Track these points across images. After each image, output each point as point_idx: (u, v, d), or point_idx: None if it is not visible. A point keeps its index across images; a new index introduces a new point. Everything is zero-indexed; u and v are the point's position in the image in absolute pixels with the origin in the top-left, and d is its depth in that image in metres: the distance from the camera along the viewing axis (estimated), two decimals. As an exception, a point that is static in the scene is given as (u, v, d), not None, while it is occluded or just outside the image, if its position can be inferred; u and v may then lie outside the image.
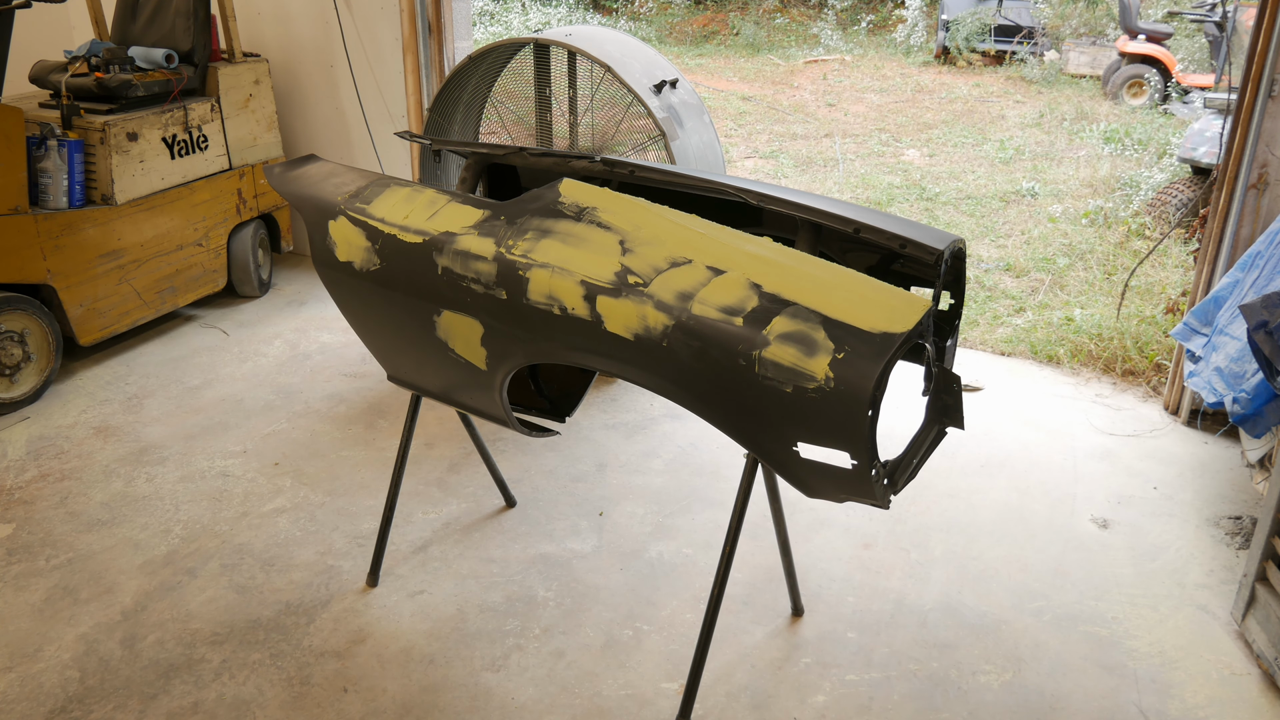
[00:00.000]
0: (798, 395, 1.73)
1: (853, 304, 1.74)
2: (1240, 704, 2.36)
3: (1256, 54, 3.20)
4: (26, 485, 3.14)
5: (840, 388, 1.69)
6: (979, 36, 11.85)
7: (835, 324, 1.72)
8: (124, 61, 3.88)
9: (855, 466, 1.76)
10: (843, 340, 1.70)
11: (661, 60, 3.61)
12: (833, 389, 1.69)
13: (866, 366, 1.67)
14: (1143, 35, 9.91)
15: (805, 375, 1.71)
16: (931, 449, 1.98)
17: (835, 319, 1.72)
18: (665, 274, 1.87)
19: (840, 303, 1.75)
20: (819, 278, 1.80)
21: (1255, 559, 2.48)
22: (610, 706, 2.31)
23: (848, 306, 1.74)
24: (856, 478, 1.78)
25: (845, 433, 1.72)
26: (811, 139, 8.72)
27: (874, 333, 1.69)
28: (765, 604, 2.66)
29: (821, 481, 1.86)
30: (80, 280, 3.73)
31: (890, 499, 1.86)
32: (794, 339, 1.73)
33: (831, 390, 1.69)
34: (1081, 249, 5.73)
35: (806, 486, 1.92)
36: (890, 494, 1.87)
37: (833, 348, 1.70)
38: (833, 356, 1.69)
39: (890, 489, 1.87)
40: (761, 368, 1.75)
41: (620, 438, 3.48)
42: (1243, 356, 2.86)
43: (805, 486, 1.93)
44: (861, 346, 1.69)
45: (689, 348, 1.82)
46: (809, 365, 1.71)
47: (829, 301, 1.75)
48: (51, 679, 2.36)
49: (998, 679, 2.42)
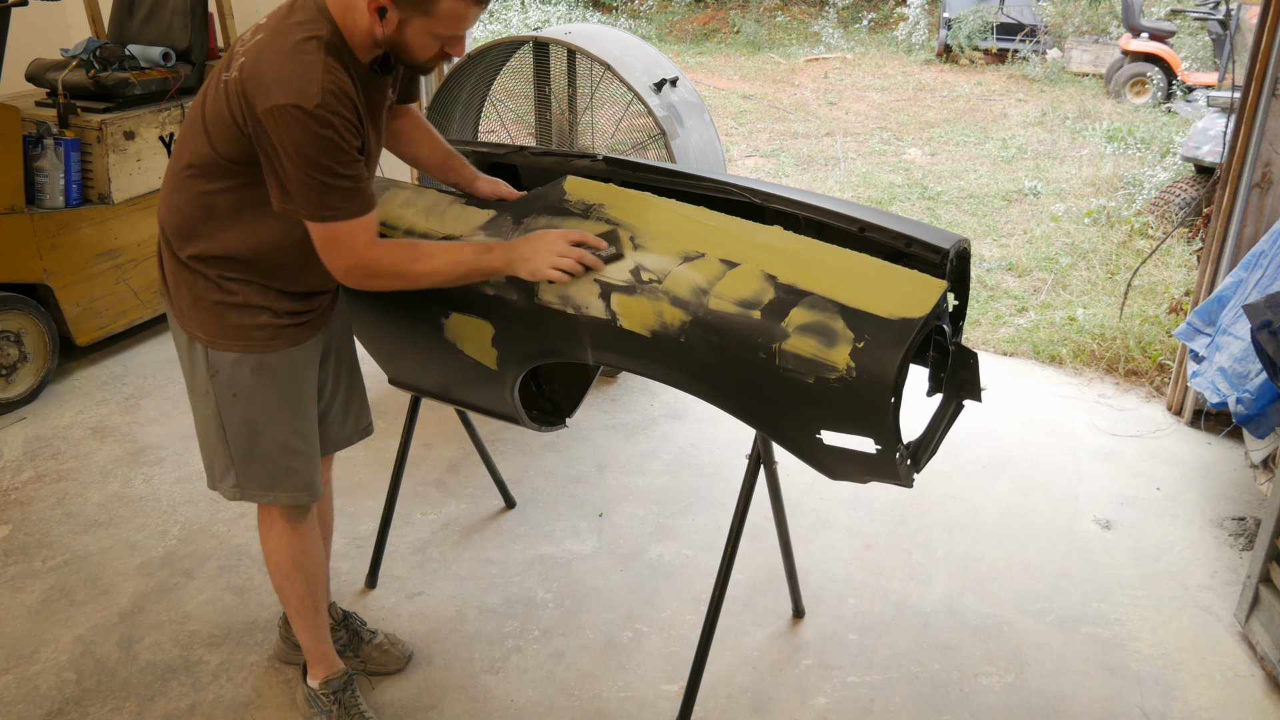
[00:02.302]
0: (820, 386, 1.72)
1: (869, 291, 1.74)
2: (1244, 706, 2.34)
3: (1260, 52, 3.18)
4: (23, 486, 3.13)
5: (862, 377, 1.68)
6: (981, 34, 11.83)
7: (853, 312, 1.71)
8: (121, 60, 3.86)
9: (880, 451, 1.76)
10: (862, 329, 1.69)
11: (661, 58, 3.59)
12: (855, 378, 1.69)
13: (888, 354, 1.67)
14: (1146, 33, 9.88)
15: (827, 366, 1.70)
16: (950, 424, 1.98)
17: (853, 307, 1.72)
18: (679, 269, 1.86)
19: (856, 290, 1.74)
20: (833, 265, 1.80)
21: (1259, 560, 2.47)
22: (610, 709, 2.30)
23: (864, 294, 1.73)
24: (881, 461, 1.78)
25: (870, 420, 1.72)
26: (812, 137, 8.70)
27: (893, 319, 1.69)
28: (766, 605, 2.65)
29: (845, 466, 1.87)
30: (77, 280, 3.72)
31: (914, 478, 1.87)
32: (813, 330, 1.72)
33: (854, 379, 1.69)
34: (1084, 248, 5.72)
35: (830, 471, 1.93)
36: (914, 473, 1.87)
37: (852, 337, 1.69)
38: (853, 346, 1.69)
39: (914, 468, 1.87)
40: (782, 360, 1.74)
41: (620, 438, 3.47)
42: (1246, 356, 2.85)
43: (829, 471, 1.93)
44: (881, 334, 1.68)
45: (707, 342, 1.82)
46: (830, 356, 1.70)
47: (845, 289, 1.75)
48: (48, 681, 2.35)
49: (1000, 681, 2.41)
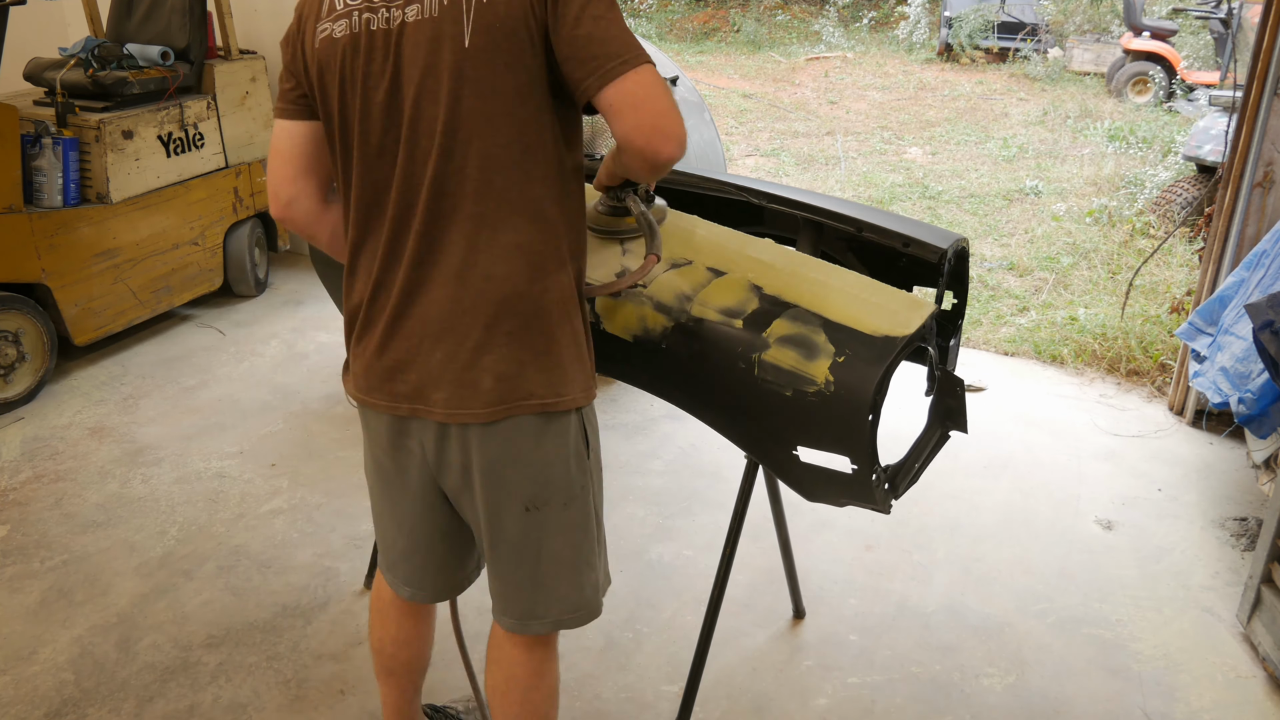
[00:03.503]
0: (797, 399, 1.69)
1: (854, 307, 1.71)
2: (1246, 707, 2.33)
3: (1262, 51, 3.17)
4: (21, 486, 3.12)
5: (840, 392, 1.65)
6: (982, 33, 11.81)
7: (836, 327, 1.69)
8: (119, 59, 3.85)
9: (855, 471, 1.73)
10: (843, 344, 1.67)
11: (661, 57, 3.58)
12: (833, 393, 1.66)
13: (867, 370, 1.64)
14: (1147, 32, 9.86)
15: (805, 379, 1.68)
16: (934, 453, 1.94)
17: (836, 322, 1.69)
18: (664, 275, 1.84)
19: (842, 306, 1.72)
20: (821, 280, 1.77)
21: (1261, 561, 2.46)
22: (610, 709, 2.29)
23: (849, 309, 1.71)
24: (857, 482, 1.75)
25: (845, 437, 1.69)
26: (813, 137, 8.69)
27: (875, 336, 1.66)
28: (766, 606, 2.64)
29: (821, 486, 1.84)
30: (75, 279, 3.71)
31: (891, 504, 1.83)
32: (794, 342, 1.69)
33: (832, 394, 1.66)
34: (1085, 248, 5.70)
35: (806, 490, 1.89)
36: (891, 499, 1.84)
37: (833, 351, 1.67)
38: (833, 360, 1.66)
39: (891, 494, 1.84)
40: (761, 371, 1.72)
41: (620, 438, 3.46)
42: (1248, 356, 2.84)
43: (805, 490, 1.90)
44: (862, 350, 1.66)
45: (688, 350, 1.79)
46: (809, 369, 1.67)
47: (830, 304, 1.72)
48: (46, 682, 2.34)
49: (1001, 682, 2.40)
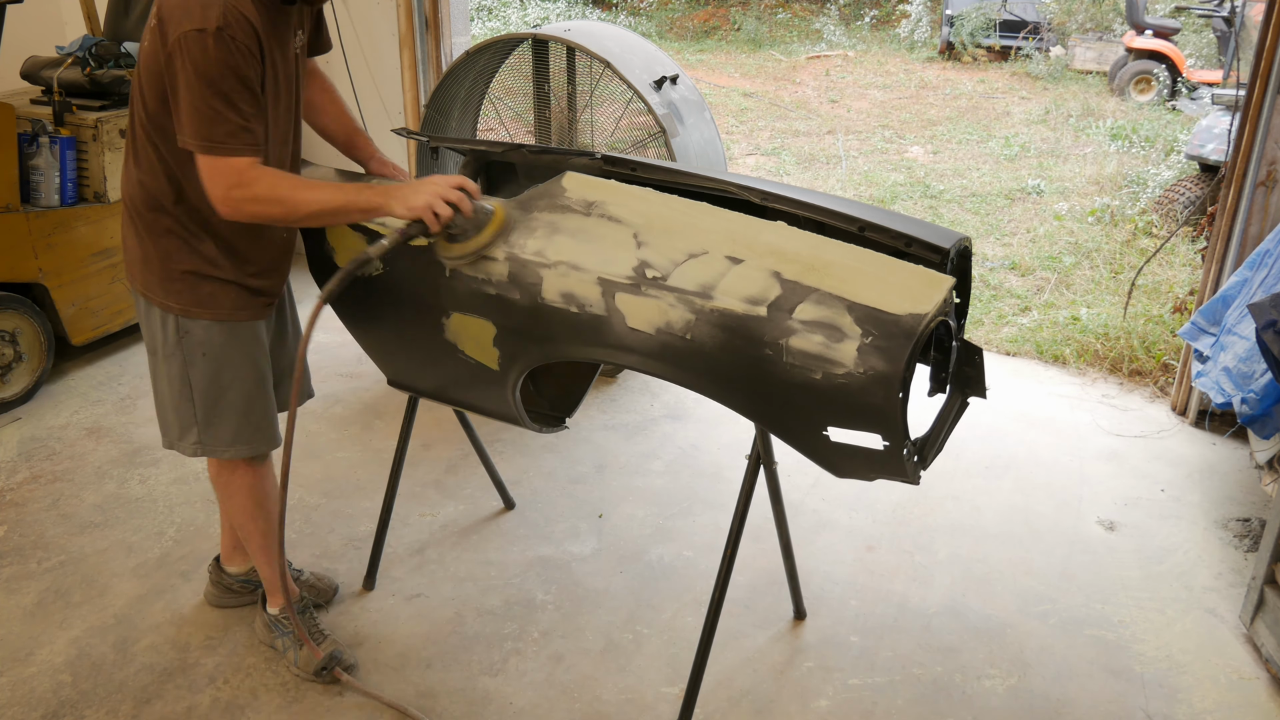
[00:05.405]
0: (827, 382, 1.71)
1: (875, 287, 1.72)
2: (1249, 709, 2.32)
3: (1265, 50, 3.16)
4: (18, 487, 3.11)
5: (871, 373, 1.67)
6: (984, 32, 11.80)
7: (860, 308, 1.69)
8: (117, 57, 3.84)
9: (887, 447, 1.74)
10: (869, 325, 1.68)
11: (662, 56, 3.57)
12: (863, 374, 1.67)
13: (895, 350, 1.65)
14: (1150, 30, 9.84)
15: (834, 362, 1.69)
16: (956, 421, 1.96)
17: (860, 303, 1.70)
18: (683, 266, 1.84)
19: (863, 286, 1.72)
20: (839, 261, 1.78)
21: (1264, 562, 2.45)
22: (610, 711, 2.28)
23: (871, 290, 1.71)
24: (889, 458, 1.76)
25: (878, 417, 1.71)
26: (814, 136, 8.67)
27: (900, 314, 1.67)
28: (767, 607, 2.63)
29: (852, 463, 1.85)
30: (72, 279, 3.70)
31: (920, 475, 1.85)
32: (820, 326, 1.70)
33: (862, 375, 1.67)
34: (1088, 247, 5.69)
35: (836, 468, 1.91)
36: (921, 469, 1.85)
37: (860, 333, 1.68)
38: (860, 342, 1.67)
39: (921, 465, 1.86)
40: (789, 357, 1.73)
41: (620, 439, 3.45)
42: (1251, 356, 2.83)
43: (835, 468, 1.91)
44: (889, 330, 1.67)
45: (713, 340, 1.80)
46: (837, 352, 1.69)
47: (851, 286, 1.73)
48: (43, 683, 2.33)
49: (1003, 683, 2.39)
